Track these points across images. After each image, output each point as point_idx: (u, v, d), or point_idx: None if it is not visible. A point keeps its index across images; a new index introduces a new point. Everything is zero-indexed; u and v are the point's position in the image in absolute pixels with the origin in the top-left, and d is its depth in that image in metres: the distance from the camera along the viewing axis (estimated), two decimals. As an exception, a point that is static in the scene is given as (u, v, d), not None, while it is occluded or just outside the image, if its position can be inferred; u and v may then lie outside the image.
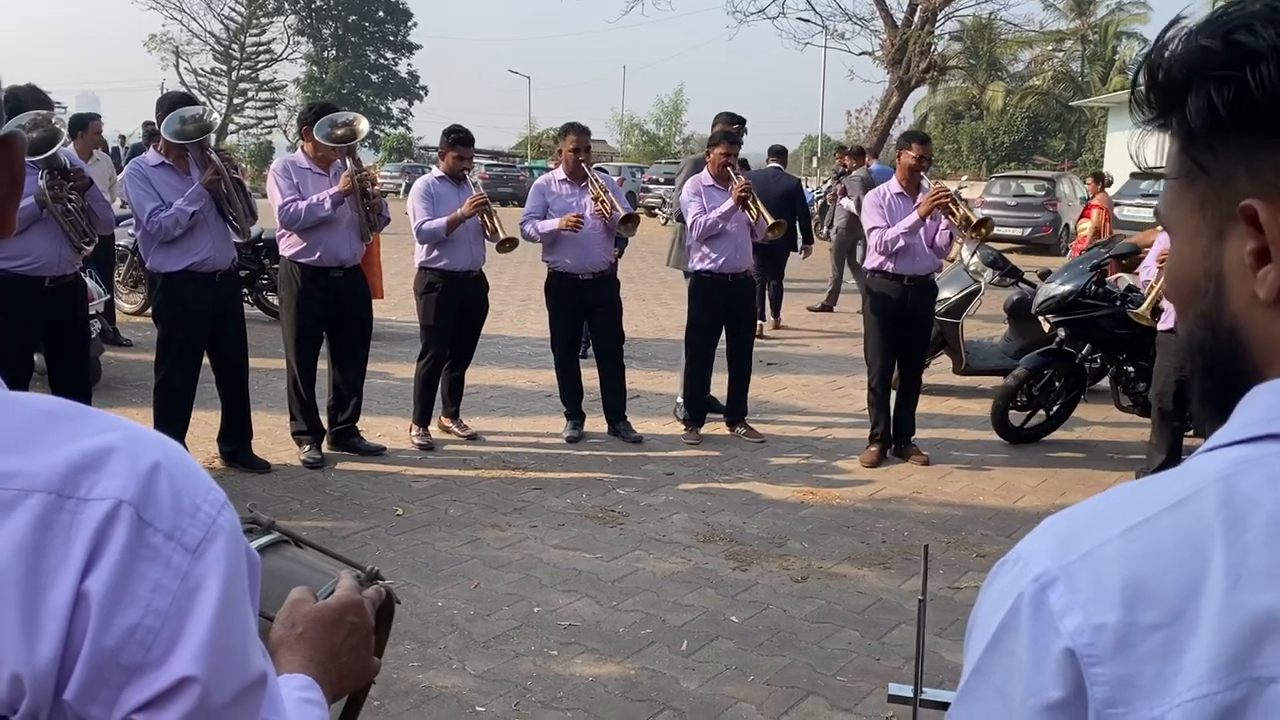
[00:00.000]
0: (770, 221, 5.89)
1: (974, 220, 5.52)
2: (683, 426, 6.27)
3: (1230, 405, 0.67)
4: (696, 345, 6.20)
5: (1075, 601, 0.61)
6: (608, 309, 6.11)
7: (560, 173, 6.07)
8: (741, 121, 6.73)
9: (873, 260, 5.83)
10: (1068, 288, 6.23)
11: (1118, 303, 6.11)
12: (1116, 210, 18.62)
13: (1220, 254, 0.67)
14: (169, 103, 5.01)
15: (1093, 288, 6.18)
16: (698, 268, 6.03)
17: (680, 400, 6.51)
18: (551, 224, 5.86)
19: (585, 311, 6.12)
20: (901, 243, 5.58)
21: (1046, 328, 6.50)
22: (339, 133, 5.32)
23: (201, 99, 5.09)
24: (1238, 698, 0.57)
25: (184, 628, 0.61)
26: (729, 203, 5.82)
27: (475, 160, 6.67)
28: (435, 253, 5.74)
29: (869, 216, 5.74)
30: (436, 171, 5.92)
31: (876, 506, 5.13)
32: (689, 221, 5.97)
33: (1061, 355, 6.25)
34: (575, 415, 6.18)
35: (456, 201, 5.73)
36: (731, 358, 6.23)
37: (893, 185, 5.81)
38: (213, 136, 4.99)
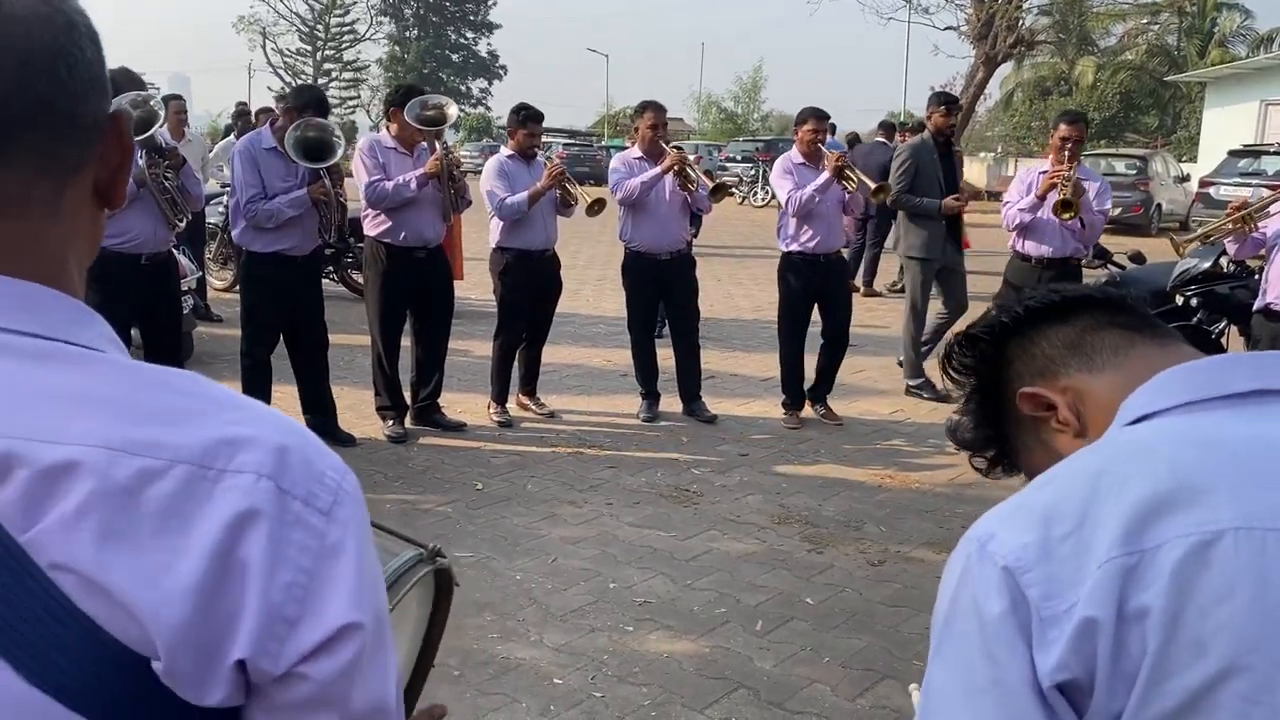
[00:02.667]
0: (873, 186, 5.88)
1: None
2: (781, 411, 6.22)
3: None
4: (787, 330, 6.16)
5: (1007, 538, 0.78)
6: (684, 289, 6.11)
7: (637, 150, 6.08)
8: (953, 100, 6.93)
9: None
10: (1205, 264, 6.20)
11: (1256, 276, 5.98)
12: (1212, 189, 17.97)
13: (1053, 447, 1.00)
14: (301, 102, 5.09)
15: (1227, 263, 6.06)
16: (789, 249, 5.99)
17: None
18: (654, 171, 5.82)
19: (662, 291, 6.13)
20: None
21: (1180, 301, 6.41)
22: (429, 114, 5.39)
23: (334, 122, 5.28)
24: (1134, 562, 0.73)
25: (332, 580, 0.67)
26: (825, 175, 5.77)
27: (553, 139, 6.76)
28: (511, 232, 5.80)
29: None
30: (506, 150, 5.96)
31: (956, 491, 5.07)
32: (782, 199, 5.94)
33: (1198, 332, 6.13)
34: (651, 395, 6.21)
35: (529, 179, 5.77)
36: (827, 337, 6.19)
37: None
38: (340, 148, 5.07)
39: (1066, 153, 5.54)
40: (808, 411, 6.21)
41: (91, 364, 0.68)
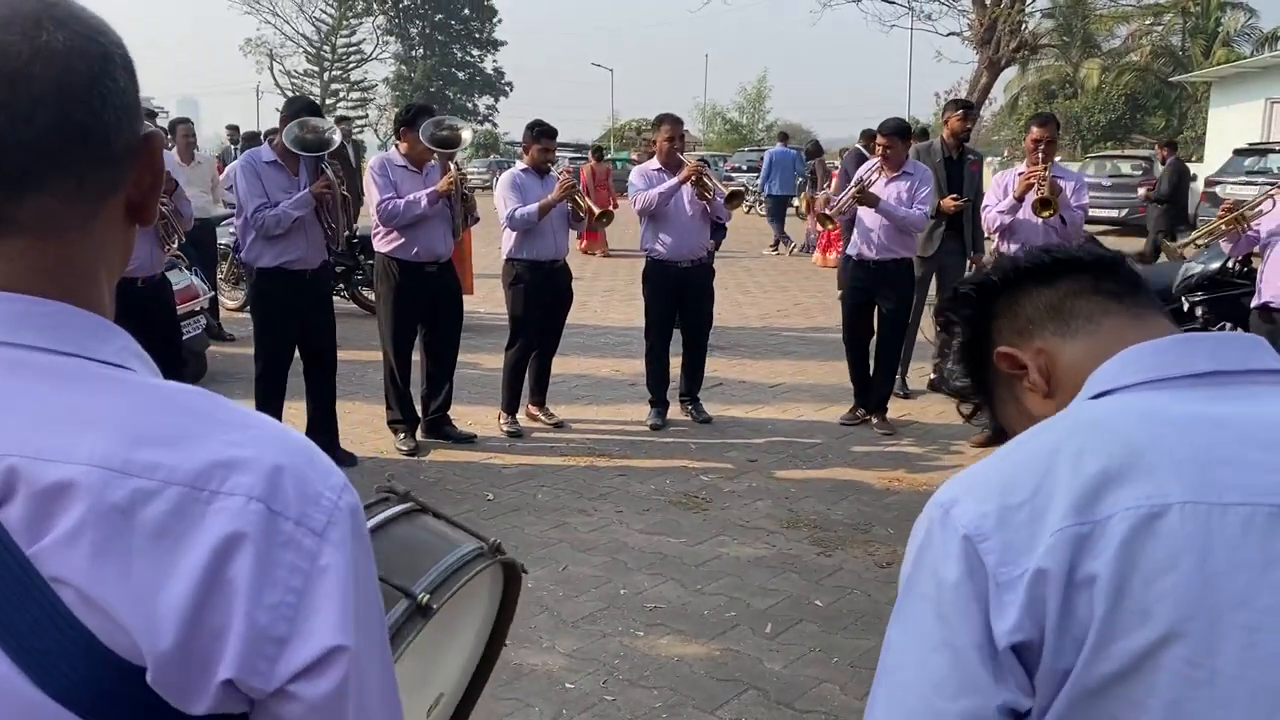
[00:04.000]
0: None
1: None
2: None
3: None
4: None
5: (967, 507, 0.83)
6: (701, 296, 6.26)
7: (656, 161, 6.23)
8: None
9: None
10: (1213, 266, 6.16)
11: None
12: (1218, 188, 17.94)
13: (1024, 406, 1.06)
14: (294, 108, 5.24)
15: (1235, 266, 6.07)
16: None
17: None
18: (671, 182, 5.97)
19: (680, 299, 6.25)
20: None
21: (1185, 308, 6.40)
22: (444, 134, 5.48)
23: (328, 121, 5.36)
24: (1087, 531, 0.78)
25: (322, 602, 0.69)
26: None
27: (560, 154, 6.90)
28: (522, 244, 5.91)
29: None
30: (521, 165, 6.09)
31: (963, 493, 5.10)
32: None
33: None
34: (660, 403, 6.30)
35: (541, 193, 5.88)
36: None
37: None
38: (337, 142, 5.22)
39: (1040, 153, 5.61)
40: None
41: (107, 382, 0.71)
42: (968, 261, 6.81)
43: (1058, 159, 6.18)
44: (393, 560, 1.10)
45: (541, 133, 5.99)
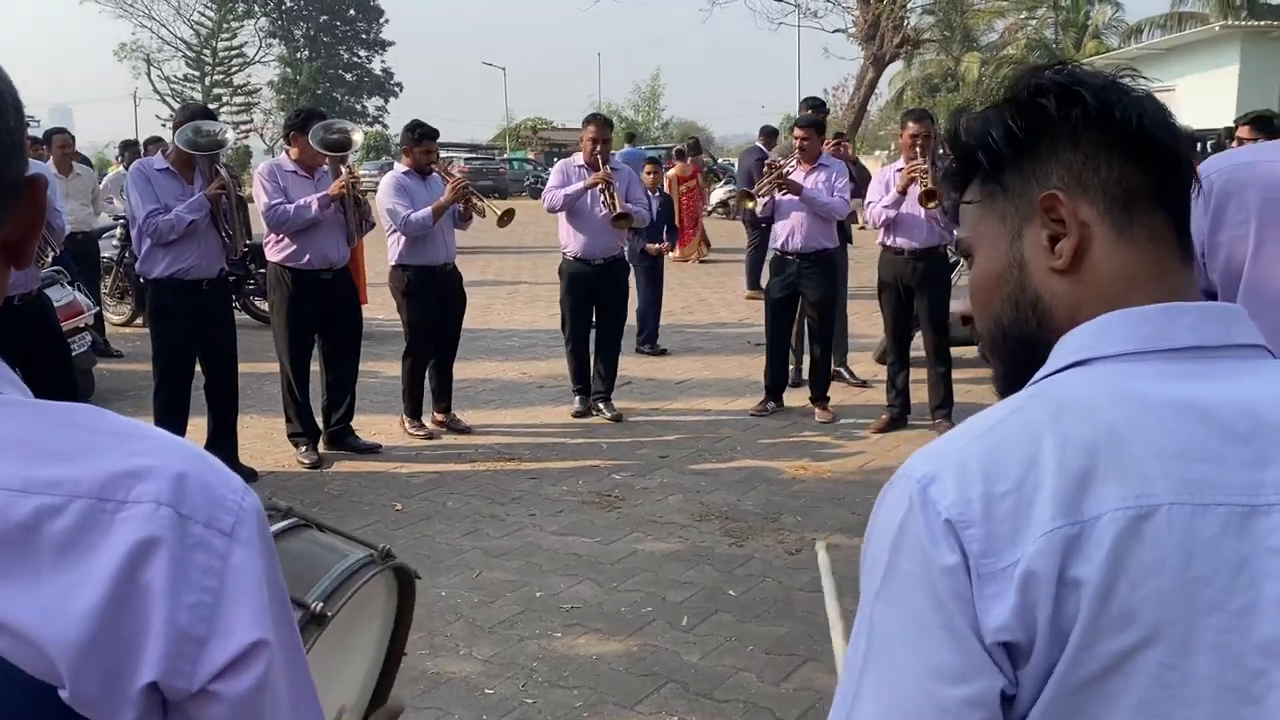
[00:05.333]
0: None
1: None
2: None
3: (1030, 372, 0.89)
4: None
5: (949, 488, 0.79)
6: (616, 293, 6.37)
7: (580, 158, 6.34)
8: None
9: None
10: None
11: None
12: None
13: (1020, 247, 0.91)
14: (189, 113, 5.11)
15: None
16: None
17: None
18: (578, 185, 6.14)
19: (595, 295, 6.34)
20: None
21: None
22: (334, 138, 5.38)
23: (219, 121, 5.19)
24: (1075, 532, 0.76)
25: (237, 600, 0.70)
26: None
27: (454, 154, 6.90)
28: (412, 249, 5.84)
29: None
30: (401, 167, 6.00)
31: (866, 478, 5.23)
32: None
33: None
34: (584, 391, 6.45)
35: (427, 195, 5.83)
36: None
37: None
38: (223, 154, 5.12)
39: (918, 149, 5.78)
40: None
41: None
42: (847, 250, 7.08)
43: (940, 151, 6.37)
44: (285, 573, 1.09)
45: (423, 134, 5.94)
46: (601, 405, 6.42)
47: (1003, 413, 0.83)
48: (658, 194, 8.52)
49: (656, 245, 8.39)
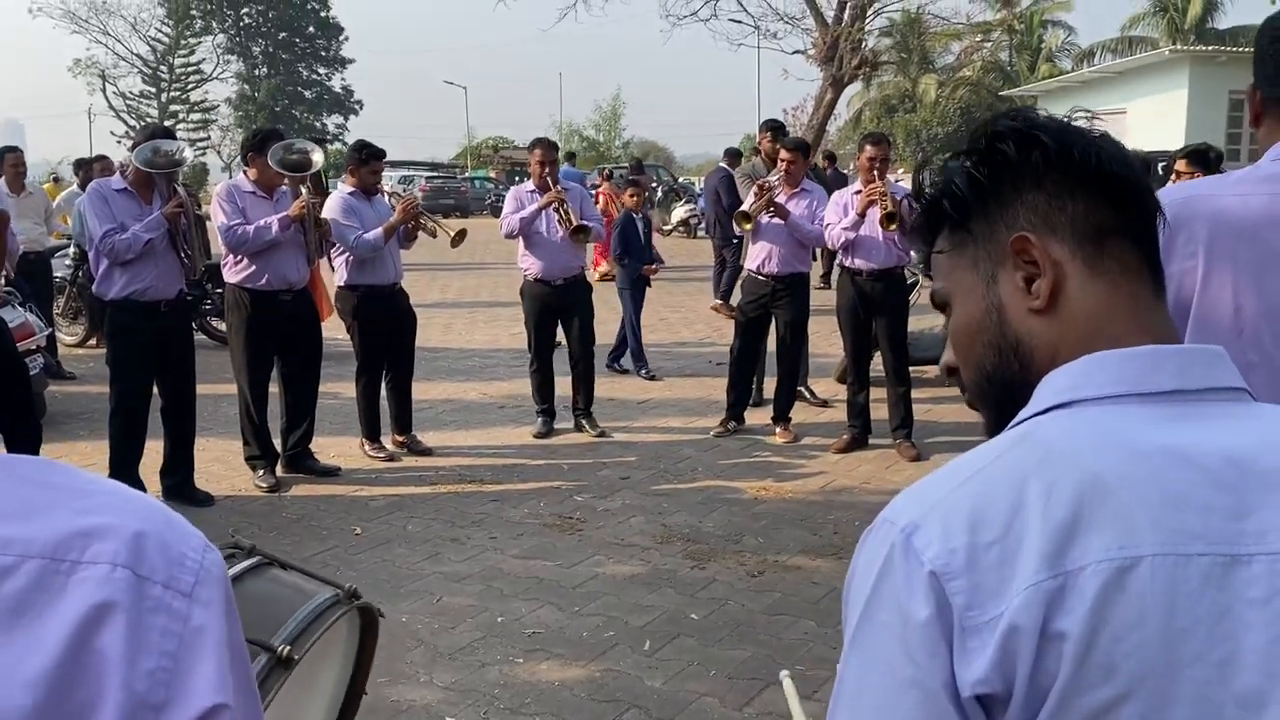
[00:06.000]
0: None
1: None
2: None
3: (1015, 411, 0.88)
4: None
5: (933, 537, 0.78)
6: (581, 312, 6.41)
7: (531, 184, 6.40)
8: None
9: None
10: None
11: None
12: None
13: (996, 291, 0.91)
14: (148, 133, 5.08)
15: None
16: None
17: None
18: (532, 207, 6.19)
19: (558, 315, 6.38)
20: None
21: None
22: (293, 158, 5.34)
23: (179, 139, 5.13)
24: (1059, 585, 0.75)
25: (198, 663, 0.68)
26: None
27: (415, 172, 6.94)
28: (359, 270, 5.83)
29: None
30: (347, 187, 5.99)
31: (827, 499, 5.26)
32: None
33: None
34: (547, 413, 6.47)
35: (374, 215, 5.83)
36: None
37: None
38: (180, 174, 5.08)
39: (875, 172, 5.85)
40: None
41: None
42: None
43: (900, 170, 6.46)
44: (248, 616, 1.08)
45: (370, 154, 5.95)
46: (585, 423, 6.46)
47: (988, 457, 0.83)
48: (640, 214, 8.49)
49: (652, 266, 8.35)
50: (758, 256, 6.28)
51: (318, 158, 5.52)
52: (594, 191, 13.99)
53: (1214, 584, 0.76)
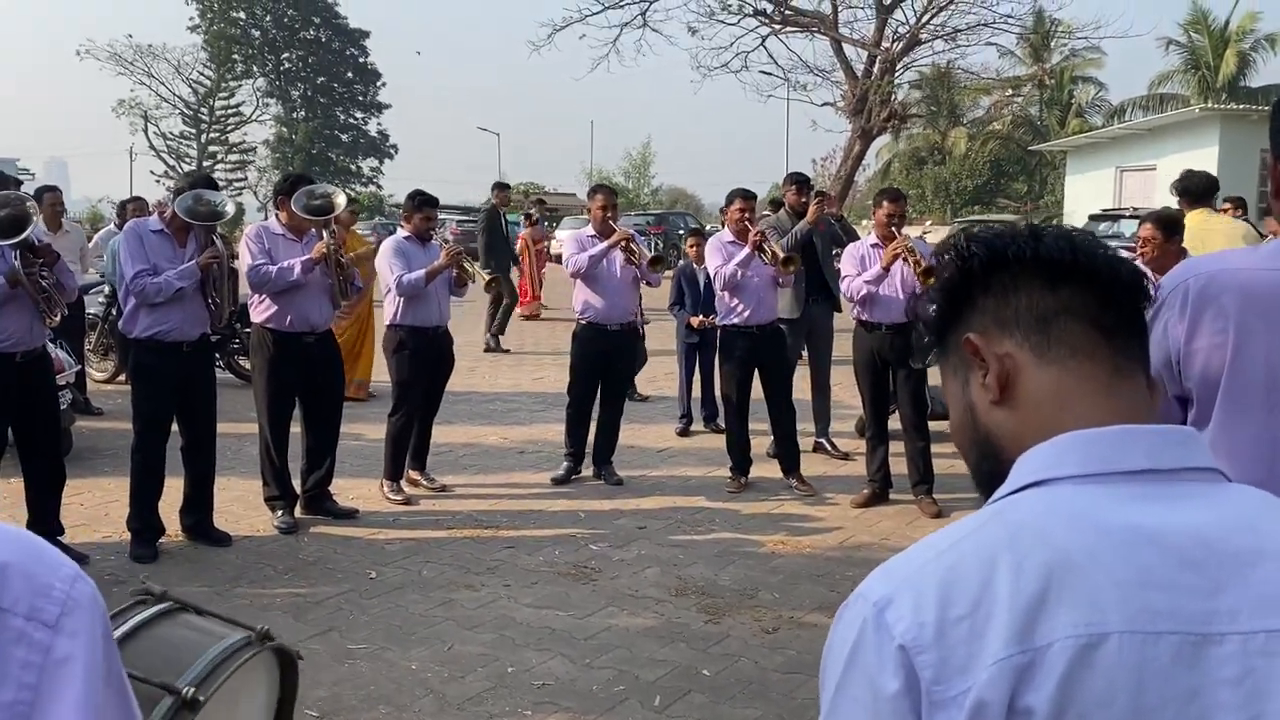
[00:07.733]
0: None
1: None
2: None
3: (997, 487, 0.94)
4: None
5: (904, 611, 0.80)
6: (628, 358, 6.54)
7: (591, 229, 6.50)
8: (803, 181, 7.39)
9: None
10: None
11: None
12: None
13: (969, 393, 0.98)
14: (191, 180, 5.18)
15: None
16: (725, 321, 6.32)
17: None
18: (602, 245, 6.26)
19: (607, 360, 6.40)
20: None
21: None
22: (316, 203, 5.43)
23: (222, 190, 5.22)
24: (1027, 660, 0.76)
25: (60, 695, 0.67)
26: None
27: (447, 216, 7.11)
28: (406, 310, 5.93)
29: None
30: (403, 232, 6.14)
31: (846, 554, 5.20)
32: (712, 273, 6.31)
33: None
34: (574, 457, 6.45)
35: (425, 260, 5.95)
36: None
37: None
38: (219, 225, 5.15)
39: (894, 228, 5.85)
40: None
41: None
42: (834, 315, 7.23)
43: (928, 222, 6.46)
44: (153, 659, 1.08)
45: (423, 202, 6.13)
46: (603, 473, 6.44)
47: (961, 533, 0.85)
48: (702, 267, 8.39)
49: (700, 318, 7.90)
50: (745, 309, 6.18)
51: (340, 200, 5.63)
52: (517, 236, 14.04)
53: (1184, 663, 0.77)
